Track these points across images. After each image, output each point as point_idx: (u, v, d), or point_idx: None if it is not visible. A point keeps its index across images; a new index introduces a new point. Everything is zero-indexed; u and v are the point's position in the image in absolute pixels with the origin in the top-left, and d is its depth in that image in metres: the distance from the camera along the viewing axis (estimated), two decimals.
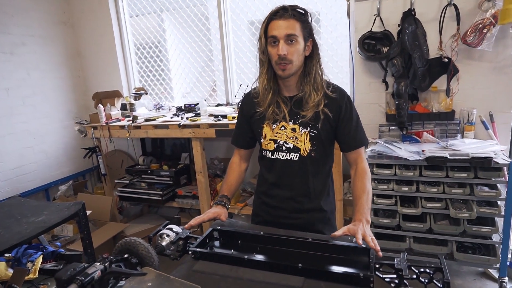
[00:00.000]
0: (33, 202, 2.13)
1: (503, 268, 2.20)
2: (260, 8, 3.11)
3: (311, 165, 1.35)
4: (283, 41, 1.21)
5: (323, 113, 1.30)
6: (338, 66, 2.97)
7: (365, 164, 1.36)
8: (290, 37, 1.21)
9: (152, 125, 2.93)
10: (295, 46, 1.23)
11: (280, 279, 1.00)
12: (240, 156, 1.54)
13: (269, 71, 1.32)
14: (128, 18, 3.71)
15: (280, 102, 1.34)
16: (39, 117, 3.44)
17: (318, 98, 1.28)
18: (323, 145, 1.34)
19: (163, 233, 1.22)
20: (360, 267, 1.06)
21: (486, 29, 2.20)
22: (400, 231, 2.35)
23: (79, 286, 0.92)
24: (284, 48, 1.21)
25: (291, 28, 1.21)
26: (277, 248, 1.19)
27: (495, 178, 2.12)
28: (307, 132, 1.32)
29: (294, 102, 1.34)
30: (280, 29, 1.21)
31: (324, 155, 1.37)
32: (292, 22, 1.21)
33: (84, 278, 0.93)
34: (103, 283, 0.91)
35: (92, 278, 0.95)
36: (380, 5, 2.50)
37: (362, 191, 1.27)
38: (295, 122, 1.33)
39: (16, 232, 1.70)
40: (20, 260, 1.92)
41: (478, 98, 2.43)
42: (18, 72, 3.25)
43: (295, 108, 1.33)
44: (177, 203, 3.20)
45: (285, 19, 1.21)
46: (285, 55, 1.21)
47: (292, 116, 1.34)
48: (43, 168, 3.48)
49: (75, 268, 0.97)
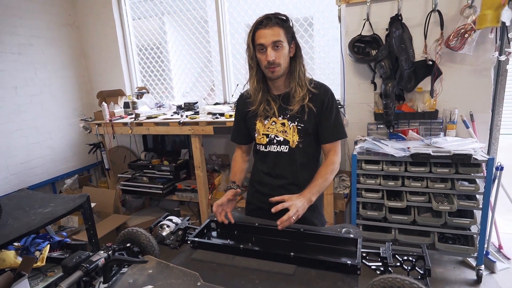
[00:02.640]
0: (41, 194, 2.12)
1: (480, 257, 2.24)
2: (256, 12, 3.09)
3: (300, 156, 1.39)
4: (270, 48, 1.26)
5: (308, 107, 1.35)
6: (329, 67, 2.97)
7: (336, 157, 1.40)
8: (276, 43, 1.26)
9: (154, 123, 2.91)
10: (281, 51, 1.28)
11: (273, 267, 1.02)
12: (241, 151, 1.59)
13: (258, 73, 1.37)
14: (131, 20, 3.68)
15: (270, 100, 1.40)
16: (46, 114, 3.41)
17: (303, 93, 1.34)
18: (310, 137, 1.39)
19: (163, 224, 1.23)
20: (348, 255, 1.07)
21: (467, 34, 2.21)
22: (386, 223, 2.37)
23: (84, 272, 0.93)
24: (272, 54, 1.26)
25: (276, 35, 1.25)
26: (271, 238, 1.20)
27: (474, 173, 2.14)
28: (295, 126, 1.37)
29: (282, 99, 1.39)
30: (266, 37, 1.25)
31: (311, 146, 1.41)
32: (276, 29, 1.25)
33: (89, 265, 0.94)
34: (107, 270, 0.91)
35: (96, 265, 0.95)
36: (369, 10, 2.50)
37: (320, 176, 1.32)
38: (284, 117, 1.38)
39: (24, 222, 1.70)
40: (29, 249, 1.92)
41: (460, 99, 2.45)
42: (26, 72, 3.22)
43: (284, 104, 1.38)
44: (177, 196, 3.19)
45: (270, 28, 1.25)
46: (273, 60, 1.26)
47: (281, 112, 1.39)
48: (50, 163, 3.46)
49: (80, 256, 0.97)
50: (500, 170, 2.33)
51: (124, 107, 3.32)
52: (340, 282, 0.94)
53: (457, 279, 2.35)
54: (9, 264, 1.79)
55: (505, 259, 2.53)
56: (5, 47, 3.03)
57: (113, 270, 0.94)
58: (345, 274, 0.97)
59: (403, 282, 0.79)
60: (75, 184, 3.50)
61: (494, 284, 2.27)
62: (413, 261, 0.99)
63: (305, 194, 1.24)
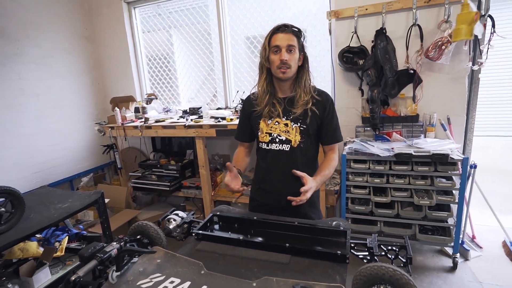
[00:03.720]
0: (60, 191, 2.11)
1: (456, 246, 2.25)
2: (254, 26, 3.10)
3: (300, 155, 1.39)
4: (284, 50, 1.28)
5: (311, 111, 1.36)
6: (321, 75, 2.97)
7: (335, 155, 1.43)
8: (290, 47, 1.29)
9: (161, 126, 2.91)
10: (293, 55, 1.30)
11: (270, 257, 1.01)
12: (243, 147, 1.58)
13: (268, 77, 1.39)
14: (141, 33, 3.67)
15: (276, 102, 1.40)
16: (64, 118, 3.40)
17: (307, 99, 1.35)
18: (310, 138, 1.39)
19: (170, 218, 1.22)
20: (338, 246, 1.07)
21: (444, 46, 2.22)
22: (373, 216, 2.38)
23: (98, 261, 0.92)
24: (285, 54, 1.28)
25: (291, 40, 1.29)
26: (268, 230, 1.20)
27: (451, 171, 2.15)
28: (297, 127, 1.37)
29: (287, 102, 1.40)
30: (282, 40, 1.29)
31: (311, 147, 1.41)
32: (291, 36, 1.30)
33: (103, 255, 0.93)
34: (119, 259, 0.91)
35: (109, 255, 0.95)
36: (356, 24, 2.51)
37: (326, 168, 1.37)
38: (287, 118, 1.38)
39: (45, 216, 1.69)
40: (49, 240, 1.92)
41: (438, 104, 2.45)
42: (47, 80, 3.20)
43: (288, 106, 1.39)
44: (183, 193, 3.18)
45: (286, 33, 1.29)
46: (286, 60, 1.28)
47: (285, 113, 1.39)
48: (68, 162, 3.44)
49: (95, 246, 0.97)
50: (474, 168, 2.34)
51: (134, 112, 3.31)
52: (330, 270, 0.94)
53: (436, 266, 2.35)
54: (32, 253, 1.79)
55: (478, 247, 2.54)
56: (29, 58, 3.03)
57: (125, 260, 0.94)
58: (335, 262, 0.97)
59: (387, 270, 0.79)
60: (90, 181, 3.48)
61: (468, 270, 2.28)
62: (396, 251, 0.99)
63: (314, 179, 1.28)
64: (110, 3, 3.52)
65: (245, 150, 1.56)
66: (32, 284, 1.64)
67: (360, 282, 0.82)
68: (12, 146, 2.90)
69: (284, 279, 0.83)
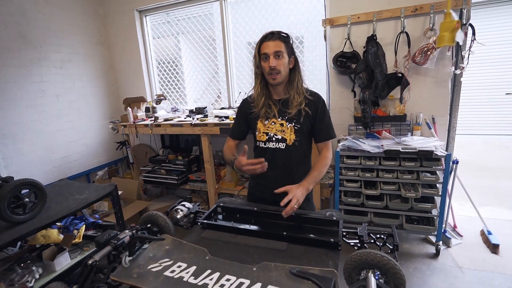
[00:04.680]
0: (77, 183, 2.12)
1: (439, 235, 2.26)
2: (256, 32, 3.08)
3: (295, 152, 1.37)
4: (272, 56, 1.25)
5: (304, 111, 1.34)
6: (317, 78, 2.96)
7: (329, 153, 1.39)
8: (278, 53, 1.26)
9: (170, 124, 2.90)
10: (282, 60, 1.27)
11: (269, 244, 1.01)
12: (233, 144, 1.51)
13: (262, 81, 1.36)
14: (152, 39, 3.66)
15: (271, 104, 1.38)
16: (81, 117, 3.40)
17: (300, 99, 1.33)
18: (305, 137, 1.38)
19: (178, 208, 1.22)
20: (331, 234, 1.08)
21: (430, 51, 2.21)
22: (364, 208, 2.38)
23: (113, 247, 0.93)
24: (274, 61, 1.26)
25: (278, 46, 1.26)
26: (267, 220, 1.20)
27: (435, 166, 2.14)
28: (292, 126, 1.35)
29: (282, 103, 1.38)
30: (269, 48, 1.25)
31: (305, 145, 1.40)
32: (278, 42, 1.26)
33: (116, 241, 0.94)
34: (131, 245, 0.91)
35: (123, 242, 0.95)
36: (350, 31, 2.49)
37: (316, 169, 1.33)
38: (283, 118, 1.37)
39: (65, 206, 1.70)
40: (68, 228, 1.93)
41: (424, 105, 2.44)
42: (66, 82, 3.20)
43: (283, 108, 1.37)
44: (189, 186, 3.19)
45: (273, 41, 1.26)
46: (274, 66, 1.26)
47: (280, 114, 1.37)
48: (85, 158, 3.45)
49: (110, 234, 0.97)
50: (456, 164, 2.34)
51: (145, 111, 3.31)
52: (324, 256, 0.94)
53: (420, 253, 2.36)
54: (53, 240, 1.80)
55: (458, 236, 2.55)
56: (50, 62, 3.03)
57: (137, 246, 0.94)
58: (329, 249, 0.97)
59: (375, 256, 0.79)
60: (105, 175, 3.49)
61: (449, 257, 2.29)
62: (384, 239, 0.99)
63: (304, 184, 1.24)
64: (123, 12, 3.50)
65: (233, 145, 1.50)
66: (54, 267, 1.66)
67: (351, 267, 0.83)
68: (35, 143, 2.91)
69: (281, 264, 0.83)
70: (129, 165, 3.46)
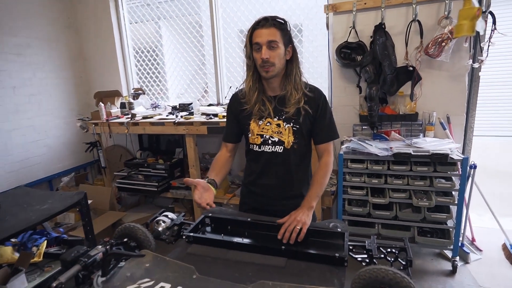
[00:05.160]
0: (38, 191, 2.07)
1: (456, 249, 2.29)
2: (249, 18, 3.09)
3: (294, 156, 1.37)
4: (265, 47, 1.24)
5: (304, 110, 1.33)
6: (318, 72, 2.99)
7: (330, 158, 1.38)
8: (272, 43, 1.24)
9: (149, 122, 2.88)
10: (276, 51, 1.25)
11: (266, 260, 1.01)
12: (226, 150, 1.51)
13: (255, 74, 1.34)
14: (128, 24, 3.63)
15: (265, 100, 1.36)
16: (43, 114, 3.33)
17: (299, 96, 1.31)
18: (304, 139, 1.37)
19: (159, 220, 1.21)
20: (336, 248, 1.08)
21: (444, 42, 2.25)
22: (370, 218, 2.40)
23: (82, 266, 0.90)
24: (266, 52, 1.23)
25: (272, 35, 1.23)
26: (263, 232, 1.19)
27: (451, 171, 2.18)
28: (290, 127, 1.34)
29: (277, 100, 1.36)
30: (262, 37, 1.23)
31: (305, 147, 1.39)
32: (273, 30, 1.24)
33: (87, 259, 0.91)
34: (105, 263, 0.89)
35: (94, 260, 0.93)
36: (355, 19, 2.52)
37: (315, 181, 1.32)
38: (279, 118, 1.35)
39: (22, 219, 1.65)
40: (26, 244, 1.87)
41: (437, 102, 2.49)
42: (24, 72, 3.13)
43: (279, 106, 1.35)
44: (171, 194, 3.16)
45: (266, 28, 1.24)
46: (267, 58, 1.24)
47: (276, 113, 1.35)
48: (47, 161, 3.38)
49: (79, 250, 0.95)
50: (474, 169, 2.39)
51: (120, 108, 3.27)
52: (328, 274, 0.94)
53: (435, 270, 2.39)
54: (6, 259, 1.74)
55: (478, 250, 2.60)
56: (4, 47, 2.95)
57: (111, 264, 0.92)
58: (333, 266, 0.97)
59: (387, 272, 0.79)
60: (71, 181, 3.43)
61: (468, 274, 2.33)
62: (396, 253, 1.00)
63: (304, 204, 1.23)
64: None
65: (227, 154, 1.49)
66: None
67: (359, 285, 0.83)
68: None
69: (280, 283, 0.83)
70: (101, 169, 3.41)
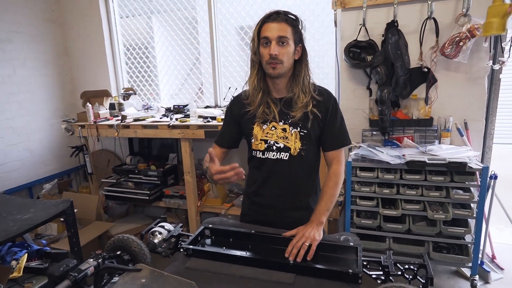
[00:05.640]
0: (19, 199, 2.06)
1: (475, 267, 2.27)
2: (250, 14, 3.12)
3: (301, 164, 1.36)
4: (275, 42, 1.24)
5: (312, 114, 1.33)
6: (324, 72, 3.01)
7: (340, 166, 1.38)
8: (282, 39, 1.25)
9: (141, 125, 2.88)
10: (286, 48, 1.26)
11: (272, 276, 1.01)
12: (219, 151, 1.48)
13: (260, 72, 1.35)
14: (119, 18, 3.65)
15: (270, 102, 1.36)
16: (24, 114, 3.33)
17: (307, 100, 1.31)
18: (313, 145, 1.37)
19: (155, 231, 1.21)
20: (348, 264, 1.08)
21: (462, 42, 2.28)
22: (381, 231, 2.39)
23: (72, 282, 0.90)
24: (275, 48, 1.24)
25: (283, 31, 1.24)
26: (268, 246, 1.19)
27: (469, 182, 2.18)
28: (297, 132, 1.34)
29: (283, 103, 1.36)
30: (272, 31, 1.24)
31: (313, 155, 1.39)
32: (284, 25, 1.25)
33: (77, 274, 0.91)
34: (98, 279, 0.89)
35: (85, 274, 0.93)
36: (365, 16, 2.55)
37: (325, 193, 1.33)
38: (285, 122, 1.35)
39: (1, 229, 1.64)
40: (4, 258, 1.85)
41: (454, 107, 2.51)
42: (4, 69, 3.14)
43: (285, 109, 1.35)
44: (164, 203, 3.15)
45: (277, 22, 1.25)
46: (276, 55, 1.24)
47: (282, 116, 1.35)
48: (27, 166, 3.36)
49: (68, 264, 0.95)
50: (494, 179, 2.40)
51: (109, 109, 3.27)
52: None
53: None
54: None
55: (499, 269, 2.59)
56: None
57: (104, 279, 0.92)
58: (346, 282, 0.97)
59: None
60: (54, 189, 3.40)
61: None
62: (414, 270, 1.00)
63: (314, 220, 1.24)
64: None
65: (220, 154, 1.48)
66: None
67: None
68: None
69: None
70: (87, 176, 3.39)
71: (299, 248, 1.09)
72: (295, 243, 1.11)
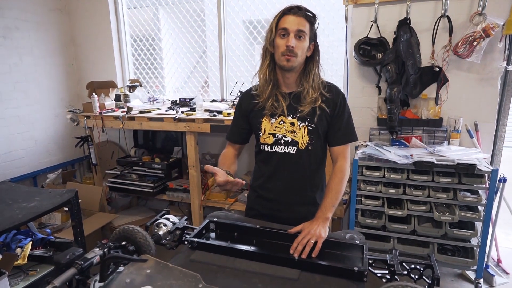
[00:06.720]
0: (24, 187, 2.09)
1: (480, 270, 2.27)
2: (259, 8, 3.11)
3: (308, 158, 1.38)
4: (293, 35, 1.27)
5: (320, 109, 1.35)
6: (332, 69, 3.00)
7: (346, 163, 1.39)
8: (300, 33, 1.28)
9: (147, 117, 2.89)
10: (302, 43, 1.29)
11: (277, 271, 1.02)
12: (233, 149, 1.54)
13: (271, 64, 1.38)
14: (126, 9, 3.65)
15: (279, 96, 1.39)
16: (30, 103, 3.36)
17: (315, 96, 1.34)
18: (320, 140, 1.39)
19: (160, 223, 1.22)
20: (353, 262, 1.09)
21: (476, 42, 2.25)
22: (385, 231, 2.39)
23: (78, 270, 0.91)
24: (293, 41, 1.27)
25: (302, 25, 1.28)
26: (273, 241, 1.20)
27: (477, 184, 2.17)
28: (305, 126, 1.36)
29: (292, 98, 1.39)
30: (292, 24, 1.28)
31: (320, 149, 1.41)
32: (304, 20, 1.29)
33: (83, 262, 0.93)
34: (104, 268, 0.90)
35: (91, 263, 0.94)
36: (377, 12, 2.53)
37: (330, 189, 1.34)
38: (293, 116, 1.37)
39: (7, 217, 1.66)
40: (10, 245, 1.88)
41: (465, 108, 2.49)
42: (10, 57, 3.16)
43: (294, 103, 1.38)
44: (168, 196, 3.17)
45: (298, 16, 1.29)
46: (293, 47, 1.27)
47: (290, 110, 1.38)
48: (32, 155, 3.40)
49: (74, 252, 0.96)
50: (503, 182, 2.38)
51: (115, 100, 3.29)
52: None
53: None
54: None
55: (504, 273, 2.59)
56: None
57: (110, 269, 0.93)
58: (351, 280, 0.98)
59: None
60: (58, 179, 3.44)
61: None
62: (421, 270, 1.01)
63: (319, 216, 1.25)
64: None
65: (234, 152, 1.53)
66: None
67: None
68: None
69: None
70: (91, 167, 3.42)
71: (304, 245, 1.10)
72: (301, 240, 1.12)
